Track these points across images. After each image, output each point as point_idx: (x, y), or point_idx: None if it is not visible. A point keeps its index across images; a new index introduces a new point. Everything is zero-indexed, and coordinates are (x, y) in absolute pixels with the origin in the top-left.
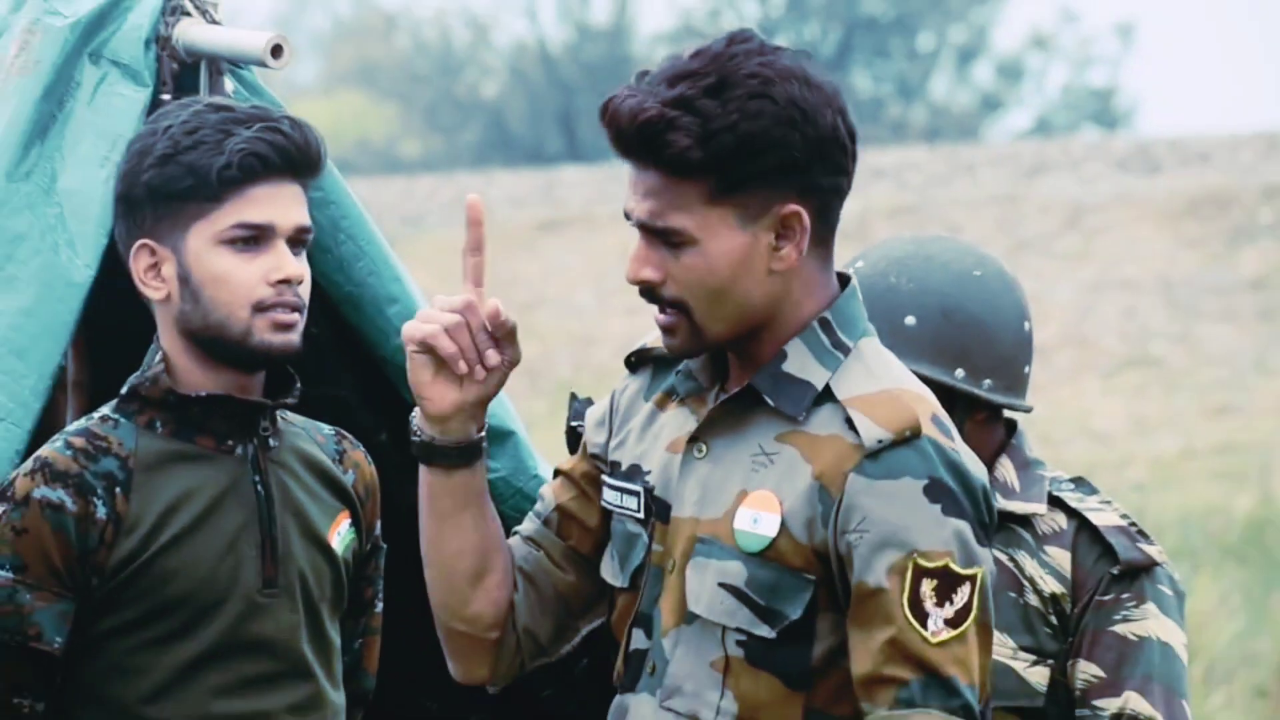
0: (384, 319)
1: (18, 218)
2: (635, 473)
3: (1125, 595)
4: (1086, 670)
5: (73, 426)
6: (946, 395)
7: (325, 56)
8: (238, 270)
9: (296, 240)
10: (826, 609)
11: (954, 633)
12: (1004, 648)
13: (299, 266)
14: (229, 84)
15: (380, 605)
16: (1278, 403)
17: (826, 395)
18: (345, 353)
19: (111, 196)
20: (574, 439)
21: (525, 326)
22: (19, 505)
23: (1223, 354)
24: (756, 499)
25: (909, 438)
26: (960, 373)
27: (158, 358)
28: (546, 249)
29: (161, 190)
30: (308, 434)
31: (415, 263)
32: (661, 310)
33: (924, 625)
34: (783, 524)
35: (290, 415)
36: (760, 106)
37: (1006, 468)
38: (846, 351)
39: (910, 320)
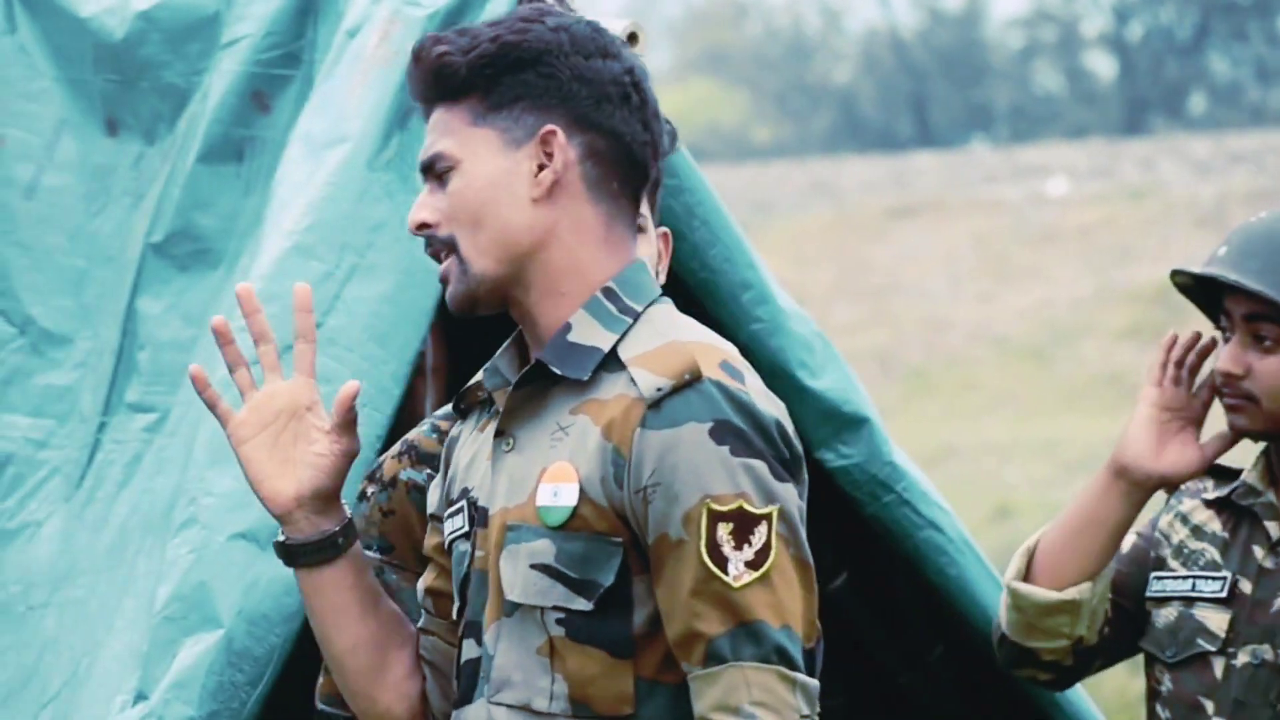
0: (738, 305)
1: (378, 206)
2: (463, 494)
3: None
4: None
5: (440, 411)
6: None
7: (677, 44)
8: None
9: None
10: (639, 572)
11: (755, 574)
12: None
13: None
14: None
15: None
16: None
17: (614, 360)
18: None
19: None
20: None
21: (876, 312)
22: (386, 487)
23: None
24: (554, 472)
25: (689, 381)
26: None
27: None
28: (898, 235)
29: None
30: None
31: (767, 249)
32: (439, 260)
33: (725, 571)
34: (581, 491)
35: None
36: (528, 26)
37: None
38: (635, 316)
39: None
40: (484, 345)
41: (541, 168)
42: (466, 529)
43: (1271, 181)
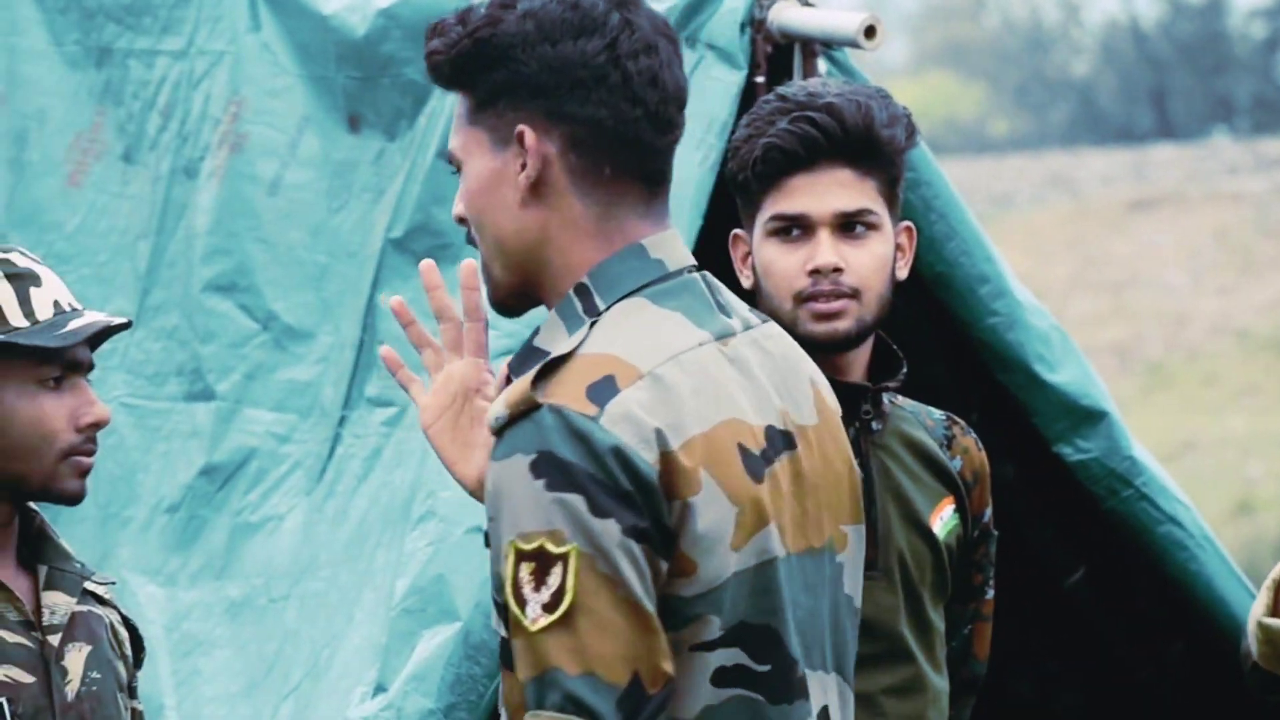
0: (975, 298)
1: None
2: None
3: None
4: None
5: None
6: None
7: (914, 37)
8: (779, 260)
9: (842, 225)
10: None
11: (551, 618)
12: None
13: (830, 255)
14: (822, 66)
15: (991, 592)
16: None
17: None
18: (936, 332)
19: (706, 179)
20: None
21: (1115, 306)
22: None
23: None
24: None
25: (524, 411)
26: None
27: None
28: (1137, 228)
29: (731, 181)
30: (916, 418)
31: (1004, 242)
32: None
33: (524, 612)
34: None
35: (901, 400)
36: (501, 15)
37: None
38: (597, 317)
39: None
40: None
41: (524, 167)
42: None
43: None
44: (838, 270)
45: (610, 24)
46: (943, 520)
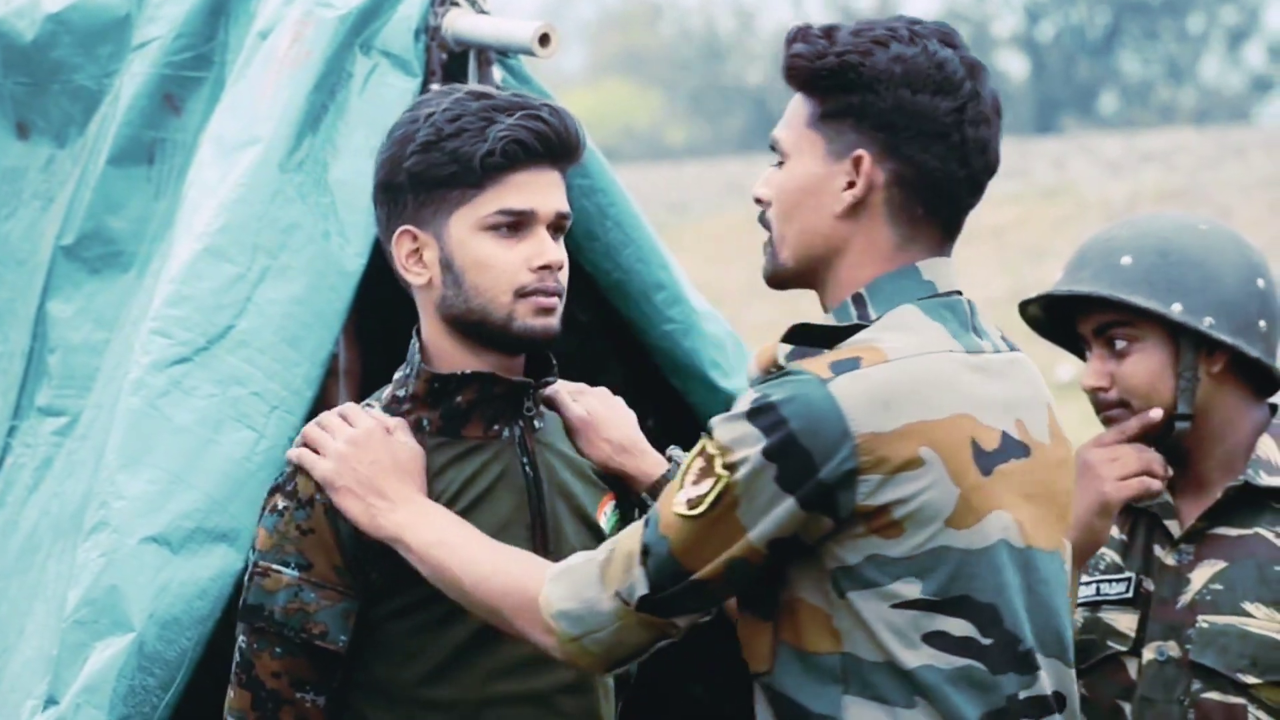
0: (651, 306)
1: (290, 208)
2: None
3: None
4: None
5: None
6: (1171, 334)
7: (591, 45)
8: (500, 256)
9: (556, 226)
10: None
11: (687, 513)
12: (1272, 622)
13: (559, 252)
14: (497, 73)
15: None
16: None
17: None
18: (612, 340)
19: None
20: None
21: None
22: (304, 505)
23: None
24: None
25: (771, 375)
26: (1178, 307)
27: (415, 349)
28: None
29: (423, 177)
30: None
31: (681, 249)
32: (768, 229)
33: (679, 490)
34: None
35: None
36: (873, 49)
37: (1268, 445)
38: (869, 322)
39: (1126, 259)
40: (396, 347)
41: (850, 185)
42: None
43: (1181, 180)
44: (559, 268)
45: (963, 90)
46: (606, 516)
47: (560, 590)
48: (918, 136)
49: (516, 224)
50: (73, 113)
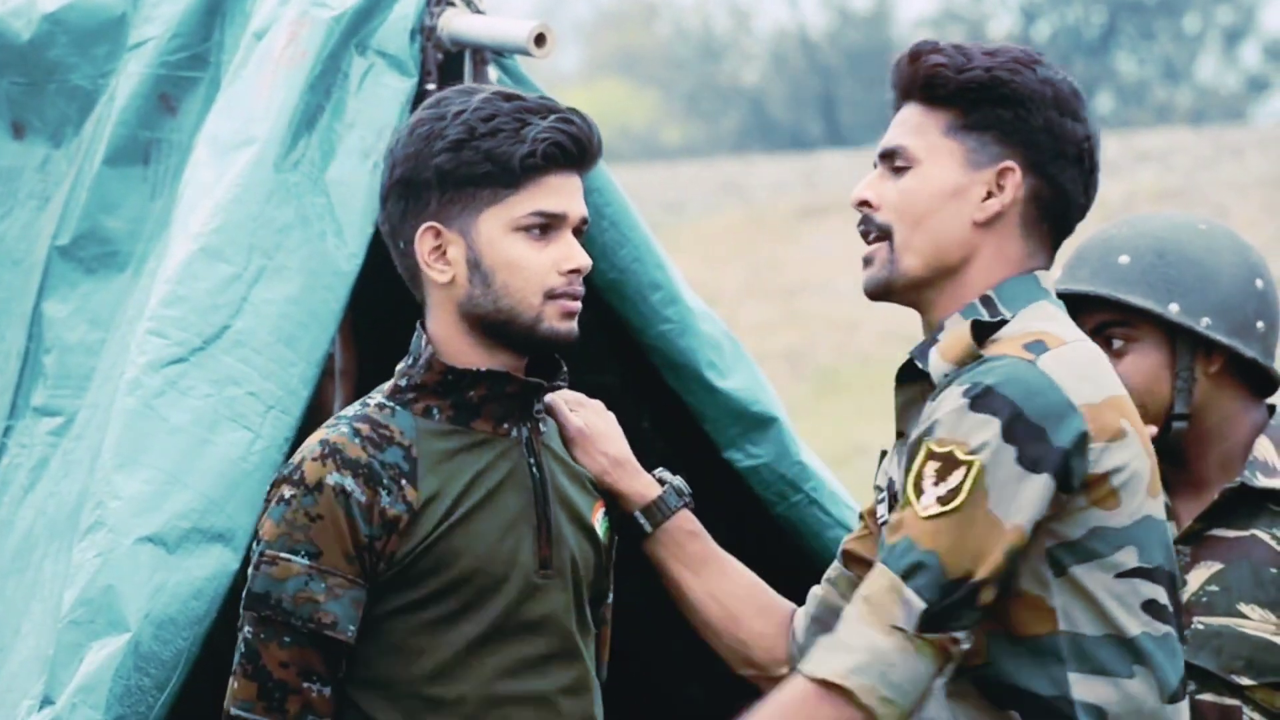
0: (647, 305)
1: (286, 208)
2: (889, 482)
3: None
4: None
5: (351, 412)
6: (1169, 334)
7: (587, 44)
8: (531, 257)
9: (579, 230)
10: None
11: (941, 509)
12: (1267, 624)
13: (586, 257)
14: (493, 73)
15: (611, 596)
16: None
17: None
18: (608, 339)
19: (379, 184)
20: None
21: (787, 312)
22: (311, 491)
23: None
24: None
25: (965, 364)
26: (1175, 307)
27: (424, 342)
28: (807, 235)
29: (454, 174)
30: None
31: (677, 250)
32: (869, 241)
33: (919, 499)
34: None
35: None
36: (1020, 68)
37: (1265, 446)
38: (1003, 322)
39: (1124, 259)
40: (393, 348)
41: (989, 195)
42: (886, 516)
43: (1178, 180)
44: (586, 272)
45: (1092, 119)
46: (599, 522)
47: (837, 661)
48: (1058, 158)
49: (547, 226)
50: (68, 113)
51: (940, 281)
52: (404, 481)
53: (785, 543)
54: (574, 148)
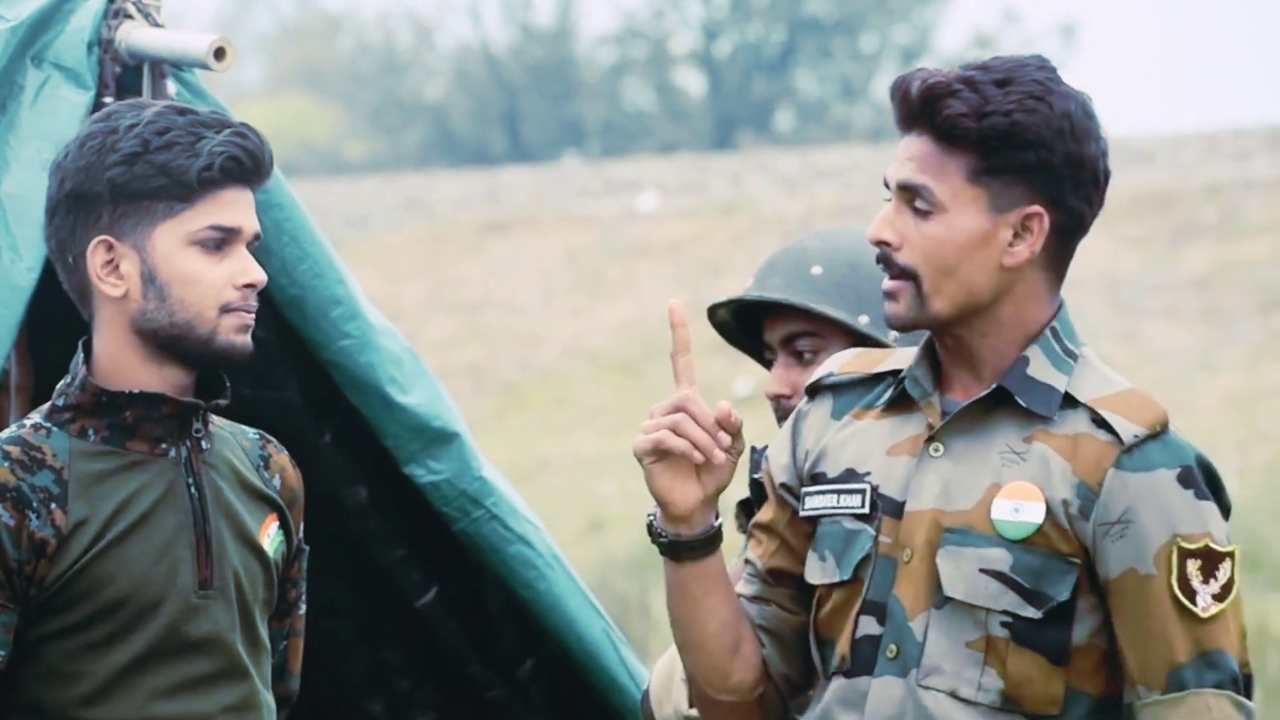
0: (328, 321)
1: None
2: (851, 475)
3: None
4: None
5: (6, 434)
6: (856, 341)
7: (269, 59)
8: (207, 271)
9: (251, 246)
10: (1088, 591)
11: (1220, 606)
12: None
13: (262, 272)
14: (172, 87)
15: (303, 607)
16: (1221, 401)
17: (1068, 398)
18: (289, 356)
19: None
20: (758, 490)
21: (470, 327)
22: None
23: (1166, 352)
24: (1015, 490)
25: (1159, 432)
26: (865, 319)
27: (79, 362)
28: (491, 250)
29: (128, 188)
30: (234, 439)
31: (359, 264)
32: (891, 276)
33: (1194, 602)
34: (1048, 512)
35: (218, 420)
36: (1037, 106)
37: None
38: (1075, 359)
39: (816, 270)
40: (68, 363)
41: (1016, 236)
42: (866, 511)
43: (856, 196)
44: (260, 287)
45: (1101, 131)
46: (270, 537)
47: None
48: (1078, 186)
49: (223, 240)
50: None
51: (972, 320)
52: (53, 505)
53: (467, 558)
54: (250, 162)
